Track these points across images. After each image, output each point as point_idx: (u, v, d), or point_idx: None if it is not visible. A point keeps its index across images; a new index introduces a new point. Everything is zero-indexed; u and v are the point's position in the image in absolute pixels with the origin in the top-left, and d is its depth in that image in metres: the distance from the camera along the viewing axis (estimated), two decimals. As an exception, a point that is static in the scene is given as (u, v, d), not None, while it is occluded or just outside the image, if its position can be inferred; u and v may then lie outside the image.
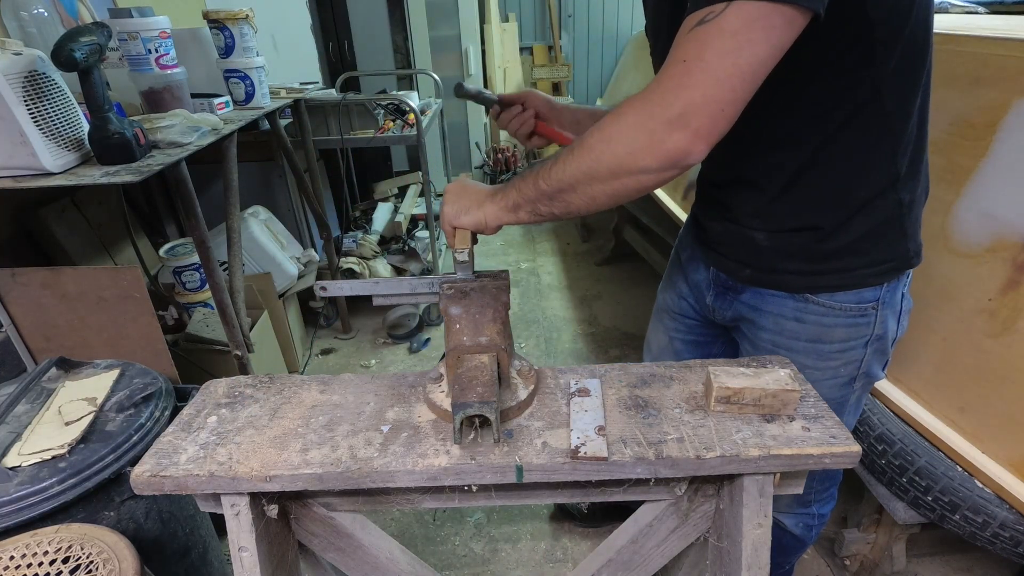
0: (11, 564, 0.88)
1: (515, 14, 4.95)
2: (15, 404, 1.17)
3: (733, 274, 0.97)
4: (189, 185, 1.47)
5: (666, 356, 1.20)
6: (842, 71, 0.74)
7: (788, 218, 0.86)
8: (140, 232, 2.21)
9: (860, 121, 0.77)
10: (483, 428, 0.71)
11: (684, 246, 1.12)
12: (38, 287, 1.40)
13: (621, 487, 0.77)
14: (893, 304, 0.90)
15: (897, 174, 0.81)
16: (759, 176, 0.86)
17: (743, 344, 1.03)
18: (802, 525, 1.14)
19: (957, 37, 1.21)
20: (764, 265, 0.92)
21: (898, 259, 0.87)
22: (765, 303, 0.94)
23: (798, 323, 0.92)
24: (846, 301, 0.88)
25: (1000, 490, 1.09)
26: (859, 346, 0.91)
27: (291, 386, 0.84)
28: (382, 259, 2.98)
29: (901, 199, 0.83)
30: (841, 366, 0.93)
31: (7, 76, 1.16)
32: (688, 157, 0.65)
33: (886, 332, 0.92)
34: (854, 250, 0.85)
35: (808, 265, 0.88)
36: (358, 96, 2.67)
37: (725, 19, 0.61)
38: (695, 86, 0.63)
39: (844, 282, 0.87)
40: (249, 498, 0.70)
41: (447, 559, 1.67)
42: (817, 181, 0.82)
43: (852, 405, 0.99)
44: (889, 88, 0.75)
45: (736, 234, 0.93)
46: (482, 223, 0.82)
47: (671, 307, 1.16)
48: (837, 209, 0.83)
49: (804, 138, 0.79)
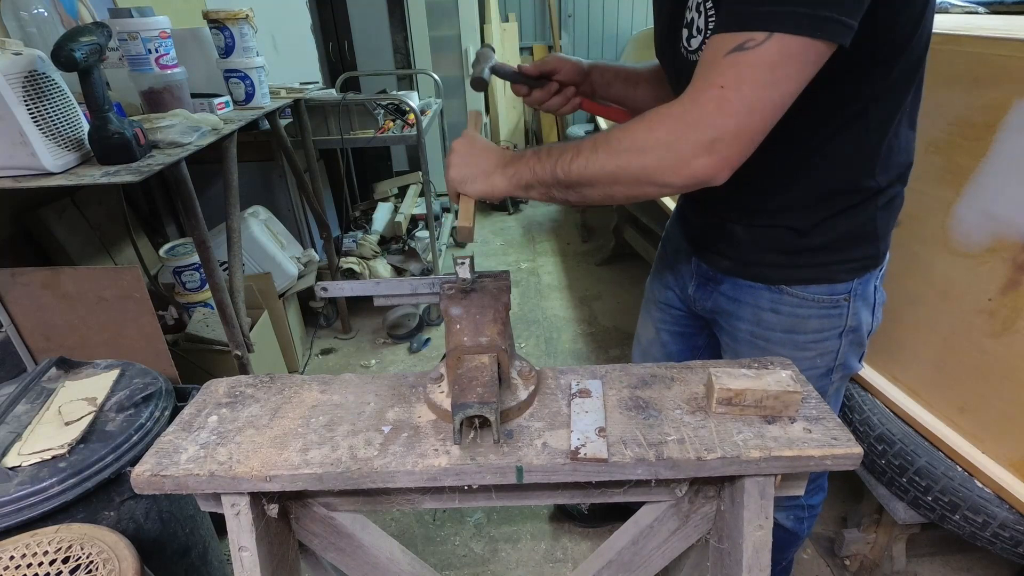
0: (11, 564, 0.88)
1: (515, 14, 4.95)
2: (15, 404, 1.17)
3: (713, 265, 1.00)
4: (189, 185, 1.47)
5: (654, 348, 1.21)
6: (836, 87, 0.74)
7: (767, 214, 0.89)
8: (140, 232, 2.21)
9: (847, 131, 0.79)
10: (483, 429, 0.71)
11: (670, 238, 1.15)
12: (38, 287, 1.40)
13: (621, 488, 0.77)
14: (866, 296, 0.92)
15: (876, 182, 0.83)
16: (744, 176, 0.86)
17: (722, 338, 1.05)
18: (792, 517, 1.15)
19: (957, 37, 1.21)
20: (742, 258, 0.94)
21: (868, 258, 0.89)
22: (743, 294, 0.96)
23: (774, 314, 0.94)
24: (819, 293, 0.90)
25: (1000, 490, 1.09)
26: (833, 337, 0.94)
27: (292, 386, 0.83)
28: (382, 259, 2.98)
29: (878, 204, 0.85)
30: (817, 356, 0.96)
31: (7, 76, 1.16)
32: (711, 181, 0.67)
33: (860, 324, 0.94)
34: (829, 248, 0.87)
35: (785, 258, 0.90)
36: (358, 96, 2.67)
37: (766, 51, 0.61)
38: (730, 115, 0.64)
39: (817, 275, 0.90)
40: (249, 498, 0.70)
41: (447, 559, 1.67)
42: (801, 182, 0.84)
43: (831, 397, 1.01)
44: (884, 99, 0.77)
45: (717, 227, 0.95)
46: (488, 195, 0.80)
47: (658, 298, 1.18)
48: (817, 211, 0.85)
49: (792, 143, 0.80)
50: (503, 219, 4.41)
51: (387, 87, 3.48)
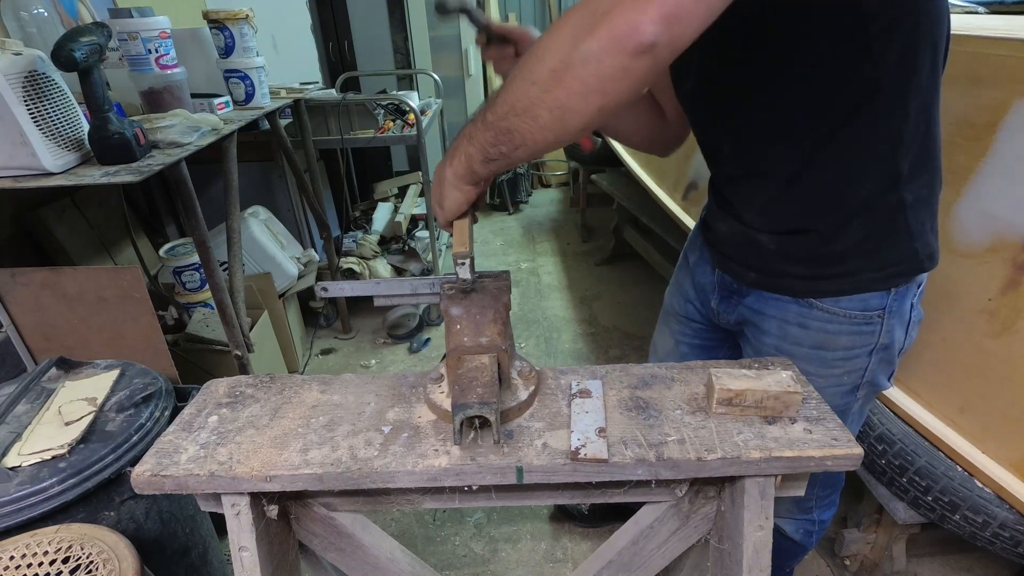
0: (11, 564, 0.88)
1: (515, 14, 4.95)
2: (15, 404, 1.17)
3: (738, 277, 0.96)
4: (189, 185, 1.47)
5: (672, 359, 1.18)
6: (841, 66, 0.72)
7: (791, 218, 0.85)
8: (140, 232, 2.21)
9: (859, 117, 0.75)
10: (483, 429, 0.71)
11: (693, 248, 1.11)
12: (38, 287, 1.40)
13: (622, 488, 0.77)
14: (901, 313, 0.87)
15: (899, 173, 0.78)
16: (764, 171, 0.85)
17: (746, 349, 1.02)
18: (802, 531, 1.13)
19: (957, 37, 1.20)
20: (768, 268, 0.90)
21: (905, 262, 0.84)
22: (768, 307, 0.93)
23: (801, 329, 0.90)
24: (851, 308, 0.86)
25: (1000, 490, 1.09)
26: (863, 355, 0.89)
27: (292, 386, 0.83)
28: (382, 259, 2.98)
29: (903, 199, 0.80)
30: (844, 374, 0.92)
31: (7, 76, 1.16)
32: (637, 34, 0.52)
33: (892, 342, 0.89)
34: (857, 252, 0.83)
35: (811, 269, 0.86)
36: (358, 96, 2.67)
37: None
38: None
39: (847, 287, 0.85)
40: (249, 498, 0.70)
41: (447, 559, 1.67)
42: (818, 179, 0.80)
43: (855, 414, 0.98)
44: (889, 84, 0.73)
45: (741, 235, 0.91)
46: (460, 200, 0.72)
47: (677, 310, 1.15)
48: (836, 209, 0.81)
49: (805, 133, 0.78)
50: (503, 219, 4.41)
51: (387, 87, 3.48)
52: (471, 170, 0.69)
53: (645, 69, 0.55)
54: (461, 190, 0.72)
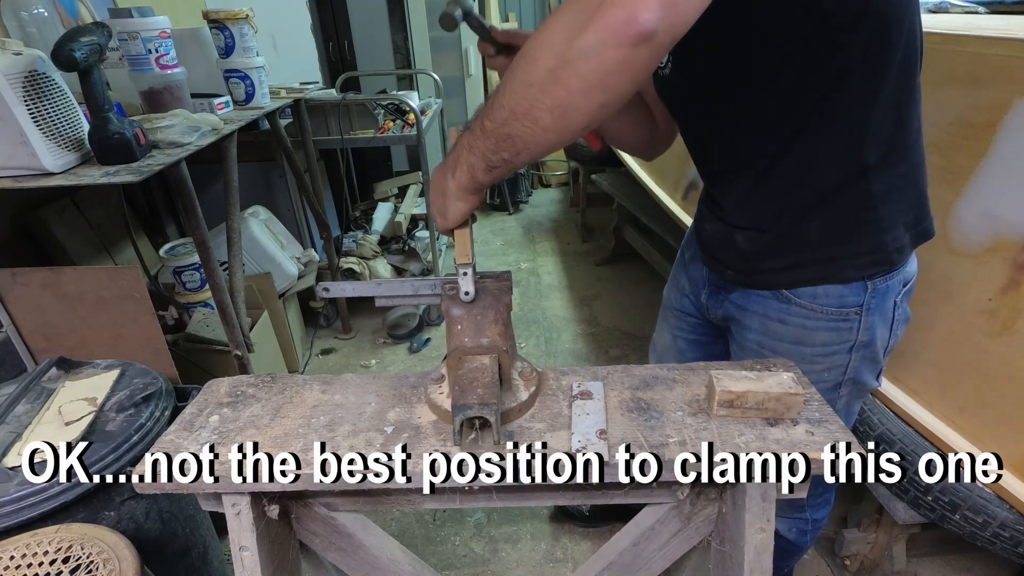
0: (11, 564, 0.88)
1: (515, 14, 4.94)
2: (15, 404, 1.17)
3: (719, 274, 0.99)
4: (189, 185, 1.46)
5: (670, 354, 1.20)
6: (808, 58, 0.73)
7: (763, 211, 0.86)
8: (140, 232, 2.21)
9: (826, 108, 0.75)
10: (483, 430, 0.70)
11: (688, 244, 1.13)
12: (38, 287, 1.40)
13: (622, 489, 0.77)
14: (883, 311, 0.88)
15: (865, 164, 0.78)
16: (742, 165, 0.86)
17: (732, 345, 1.04)
18: (796, 530, 1.14)
19: (957, 37, 1.21)
20: (744, 266, 0.92)
21: (876, 252, 0.84)
22: (751, 303, 0.95)
23: (781, 324, 0.92)
24: (828, 304, 0.87)
25: (1000, 490, 1.10)
26: (843, 351, 0.90)
27: (293, 386, 0.83)
28: (382, 259, 2.98)
29: (871, 189, 0.80)
30: (824, 370, 0.93)
31: (7, 76, 1.16)
32: (635, 23, 0.51)
33: (873, 339, 0.89)
34: (824, 242, 0.84)
35: (782, 260, 0.87)
36: (358, 96, 2.67)
37: None
38: None
39: (815, 276, 0.86)
40: (250, 498, 0.70)
41: (447, 559, 1.67)
42: (786, 170, 0.81)
43: (840, 411, 0.98)
44: (856, 76, 0.73)
45: (723, 234, 0.93)
46: (462, 210, 0.71)
47: (674, 305, 1.17)
48: (802, 198, 0.82)
49: (777, 125, 0.79)
50: (503, 219, 4.41)
51: (387, 87, 3.48)
52: (474, 180, 0.68)
53: (646, 59, 0.54)
54: (465, 200, 0.71)
